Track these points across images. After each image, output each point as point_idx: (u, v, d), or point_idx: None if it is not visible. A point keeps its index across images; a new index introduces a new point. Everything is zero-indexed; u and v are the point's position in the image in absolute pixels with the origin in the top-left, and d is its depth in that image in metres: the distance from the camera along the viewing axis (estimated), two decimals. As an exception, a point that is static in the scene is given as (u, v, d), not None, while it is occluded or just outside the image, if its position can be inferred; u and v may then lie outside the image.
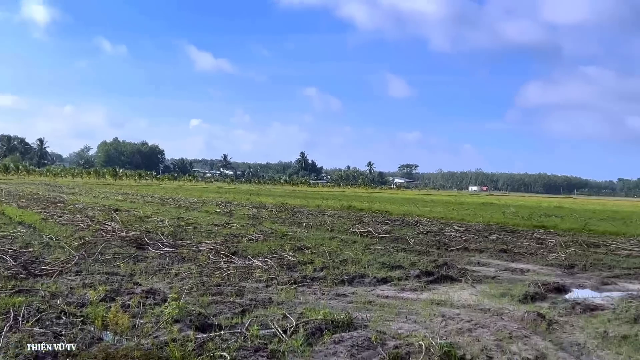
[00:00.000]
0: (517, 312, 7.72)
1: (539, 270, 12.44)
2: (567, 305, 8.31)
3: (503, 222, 25.65)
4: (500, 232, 20.47)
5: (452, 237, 18.17)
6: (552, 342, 6.47)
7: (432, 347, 5.70)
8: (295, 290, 8.96)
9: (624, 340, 6.47)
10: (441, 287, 9.81)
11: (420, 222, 23.60)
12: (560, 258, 13.95)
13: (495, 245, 16.10)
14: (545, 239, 18.39)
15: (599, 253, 15.41)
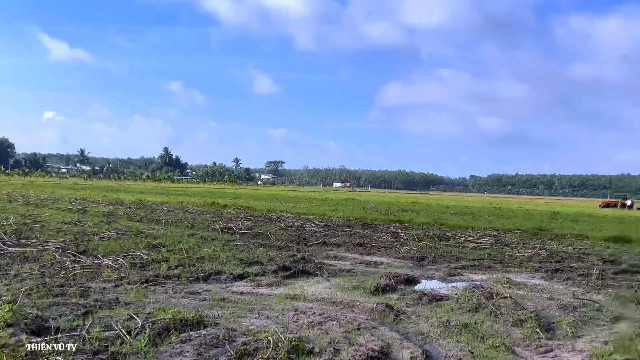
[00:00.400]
0: (368, 304, 7.90)
1: (392, 262, 12.88)
2: (415, 296, 8.64)
3: (362, 217, 26.39)
4: (359, 227, 21.05)
5: (313, 232, 18.42)
6: (398, 332, 6.68)
7: (280, 341, 5.67)
8: (146, 289, 8.61)
9: (465, 329, 6.80)
10: (297, 282, 9.86)
11: (282, 218, 23.72)
12: (412, 251, 14.55)
13: (353, 239, 16.51)
14: (400, 233, 19.14)
15: (449, 246, 16.25)
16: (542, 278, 11.43)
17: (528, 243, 17.77)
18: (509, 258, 14.09)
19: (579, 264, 13.20)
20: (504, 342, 6.31)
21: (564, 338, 6.78)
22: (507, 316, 7.51)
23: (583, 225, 27.08)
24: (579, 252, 15.78)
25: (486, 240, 17.91)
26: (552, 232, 21.86)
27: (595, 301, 8.76)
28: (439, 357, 5.93)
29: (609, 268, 12.63)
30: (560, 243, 18.15)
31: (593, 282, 10.77)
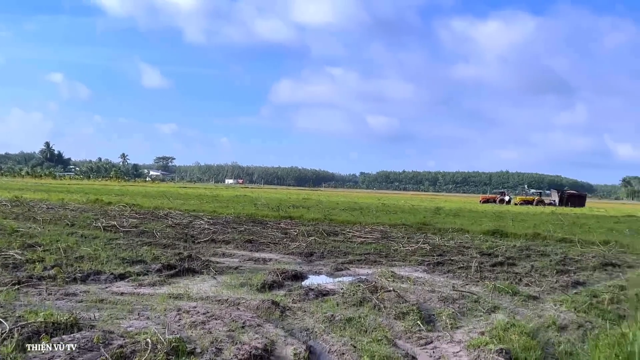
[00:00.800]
0: (254, 301, 7.79)
1: (281, 259, 12.85)
2: (302, 291, 8.62)
3: (253, 214, 26.22)
4: (249, 223, 20.89)
5: (201, 229, 18.07)
6: (283, 328, 6.62)
7: (159, 343, 5.45)
8: (18, 291, 8.05)
9: (349, 323, 6.84)
10: (182, 281, 9.59)
11: (170, 215, 23.12)
12: (301, 247, 14.58)
13: (242, 236, 16.34)
14: (290, 229, 19.17)
15: (337, 241, 16.44)
16: (424, 271, 11.77)
17: (412, 237, 18.31)
18: (394, 252, 14.43)
19: (459, 257, 13.73)
20: (386, 335, 6.40)
21: (444, 329, 6.98)
22: (390, 309, 7.64)
23: (464, 219, 28.28)
24: (459, 245, 16.43)
25: (373, 235, 18.28)
26: (435, 226, 22.65)
27: (474, 293, 9.11)
28: (323, 352, 5.93)
29: (486, 261, 13.21)
30: (443, 237, 18.85)
31: (472, 274, 11.20)
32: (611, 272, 12.58)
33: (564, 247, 17.48)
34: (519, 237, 19.84)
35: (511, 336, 6.36)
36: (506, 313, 7.88)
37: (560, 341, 6.58)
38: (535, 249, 16.16)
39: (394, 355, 5.73)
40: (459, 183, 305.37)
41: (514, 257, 14.07)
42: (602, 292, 9.50)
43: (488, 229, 21.69)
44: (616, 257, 15.31)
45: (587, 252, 16.05)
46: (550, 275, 11.56)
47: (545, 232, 21.20)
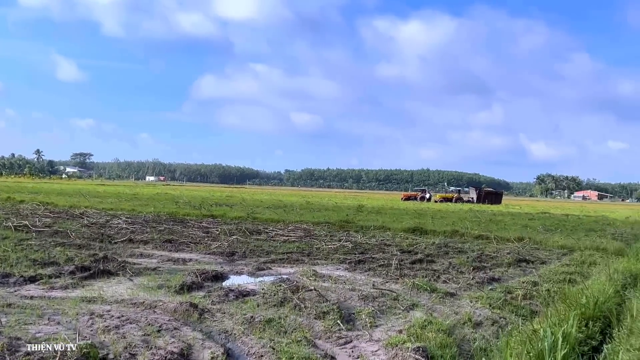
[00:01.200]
0: (171, 303, 7.59)
1: (201, 259, 12.63)
2: (222, 292, 8.47)
3: (174, 212, 25.75)
4: (169, 222, 20.49)
5: (119, 228, 17.57)
6: (201, 331, 6.48)
7: (70, 349, 5.22)
8: None
9: (268, 324, 6.77)
10: (97, 283, 9.24)
11: (86, 214, 22.36)
12: (223, 246, 14.39)
13: (162, 235, 15.99)
14: (212, 228, 18.91)
15: (260, 240, 16.34)
16: (346, 269, 11.85)
17: (335, 235, 18.43)
18: (316, 251, 14.47)
19: (380, 255, 13.91)
20: (306, 336, 6.37)
21: (363, 328, 7.02)
22: (311, 309, 7.62)
23: (386, 217, 28.71)
24: (381, 243, 16.65)
25: (296, 234, 18.27)
26: (357, 224, 22.88)
27: (393, 291, 9.22)
28: (241, 355, 5.84)
29: (407, 258, 13.43)
30: (365, 235, 19.06)
31: (392, 272, 11.35)
32: (525, 268, 13.06)
33: (480, 244, 18.03)
34: (438, 235, 20.30)
35: (428, 334, 6.46)
36: (424, 310, 8.01)
37: (475, 338, 6.74)
38: (454, 246, 16.58)
39: (313, 355, 5.71)
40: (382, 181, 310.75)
41: (433, 255, 14.38)
42: (516, 289, 9.83)
43: (409, 226, 22.11)
44: (530, 253, 15.91)
45: (503, 248, 16.60)
46: (467, 272, 11.87)
47: (463, 229, 21.79)
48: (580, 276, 11.71)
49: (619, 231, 25.72)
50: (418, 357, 5.69)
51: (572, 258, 14.98)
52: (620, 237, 22.41)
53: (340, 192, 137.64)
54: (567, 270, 12.40)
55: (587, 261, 14.15)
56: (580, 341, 6.29)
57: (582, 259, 14.59)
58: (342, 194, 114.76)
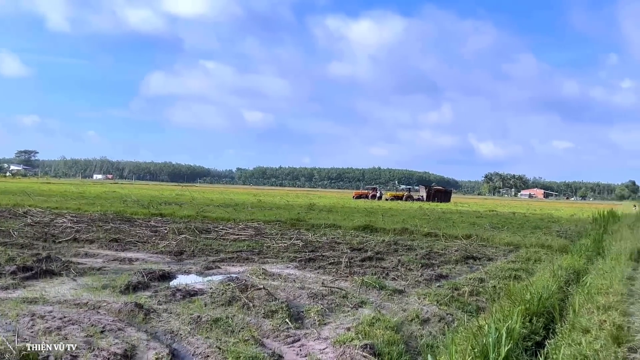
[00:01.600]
0: (116, 304, 7.42)
1: (148, 258, 12.42)
2: (169, 292, 8.33)
3: (121, 211, 25.28)
4: (116, 221, 20.08)
5: (64, 227, 17.13)
6: (146, 332, 6.35)
7: (8, 352, 5.05)
8: None
9: (215, 324, 6.69)
10: (39, 283, 8.97)
11: (30, 213, 21.73)
12: (171, 245, 14.18)
13: (108, 234, 15.66)
14: (160, 227, 18.63)
15: (210, 239, 16.17)
16: (296, 268, 11.82)
17: (286, 234, 18.39)
18: (267, 249, 14.40)
19: (331, 253, 13.93)
20: (254, 335, 6.32)
21: (312, 327, 7.01)
22: (260, 308, 7.57)
23: (337, 215, 28.80)
24: (331, 241, 16.69)
25: (247, 232, 18.16)
26: (308, 222, 22.89)
27: (343, 288, 9.23)
28: (187, 355, 5.75)
29: (356, 256, 13.48)
30: (315, 233, 19.08)
31: (342, 270, 11.37)
32: (472, 265, 13.28)
33: (429, 241, 18.27)
34: (388, 232, 20.47)
35: (376, 331, 6.49)
36: (373, 308, 8.05)
37: (422, 334, 6.82)
38: (403, 244, 16.74)
39: (260, 355, 5.67)
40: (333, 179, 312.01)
41: (383, 252, 14.49)
42: (463, 285, 9.97)
43: (359, 224, 22.22)
44: (477, 250, 16.20)
45: (451, 246, 16.85)
46: (416, 269, 11.99)
47: (412, 227, 22.02)
48: (526, 273, 11.96)
49: (563, 228, 26.42)
50: (365, 354, 5.71)
51: (518, 255, 15.31)
52: (564, 234, 23.03)
53: (292, 191, 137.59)
54: (513, 267, 12.66)
55: (532, 258, 14.48)
56: (524, 336, 6.42)
57: (527, 255, 14.92)
58: (294, 192, 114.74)
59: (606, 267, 12.14)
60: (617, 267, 12.37)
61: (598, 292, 9.15)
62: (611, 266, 12.32)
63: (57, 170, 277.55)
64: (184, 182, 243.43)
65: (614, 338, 6.34)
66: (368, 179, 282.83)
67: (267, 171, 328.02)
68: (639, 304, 8.89)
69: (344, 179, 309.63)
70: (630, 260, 14.01)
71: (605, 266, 12.36)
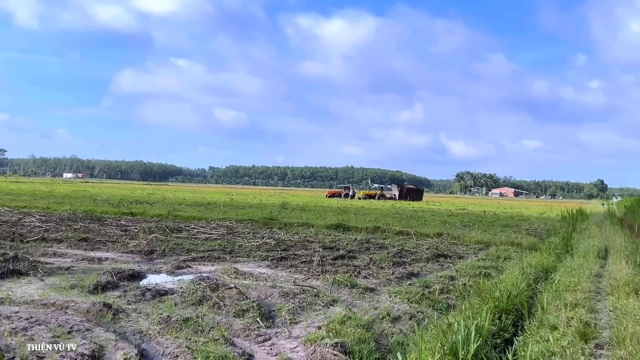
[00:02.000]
0: (84, 304, 7.31)
1: (118, 258, 12.27)
2: (138, 292, 8.24)
3: (91, 210, 24.97)
4: (86, 220, 19.81)
5: (32, 227, 16.84)
6: (115, 332, 6.27)
7: (-30, 355, 4.94)
8: None
9: (185, 324, 6.62)
10: (5, 283, 8.79)
11: (-3, 212, 21.33)
12: (141, 244, 14.03)
13: (77, 234, 15.45)
14: (130, 226, 18.43)
15: (181, 238, 16.04)
16: (268, 266, 11.78)
17: (258, 233, 18.32)
18: (239, 248, 14.34)
19: (303, 252, 13.92)
20: (224, 334, 6.28)
21: (283, 325, 6.99)
22: (231, 307, 7.52)
23: (310, 214, 28.82)
24: (304, 240, 16.68)
25: (219, 231, 18.06)
26: (281, 221, 22.86)
27: (314, 287, 9.23)
28: (156, 355, 5.68)
29: (329, 254, 13.48)
30: (288, 232, 19.06)
31: (314, 268, 11.36)
32: (443, 263, 13.38)
33: (401, 239, 18.37)
34: (360, 231, 20.54)
35: (347, 329, 6.49)
36: (344, 306, 8.05)
37: (393, 332, 6.84)
38: (375, 242, 16.81)
39: (230, 354, 5.63)
40: (307, 178, 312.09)
41: (355, 251, 14.53)
42: (434, 283, 10.05)
43: (332, 223, 22.26)
44: (448, 248, 16.32)
45: (422, 244, 16.96)
46: (388, 267, 12.04)
47: (384, 225, 22.13)
48: (495, 270, 12.10)
49: (533, 227, 26.77)
50: (336, 352, 5.71)
51: (488, 253, 15.47)
52: (534, 232, 23.34)
53: (265, 190, 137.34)
54: (483, 264, 12.78)
55: (502, 256, 14.64)
56: (494, 333, 6.49)
57: (497, 253, 15.08)
58: (267, 191, 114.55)
59: (574, 265, 12.34)
60: (585, 264, 12.59)
61: (566, 289, 9.30)
62: (579, 264, 12.53)
63: (26, 169, 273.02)
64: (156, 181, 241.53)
65: (581, 335, 6.44)
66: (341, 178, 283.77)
67: (240, 170, 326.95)
68: (605, 301, 9.04)
69: (317, 178, 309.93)
70: (598, 257, 14.27)
71: (573, 264, 12.57)
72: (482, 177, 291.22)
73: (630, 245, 16.67)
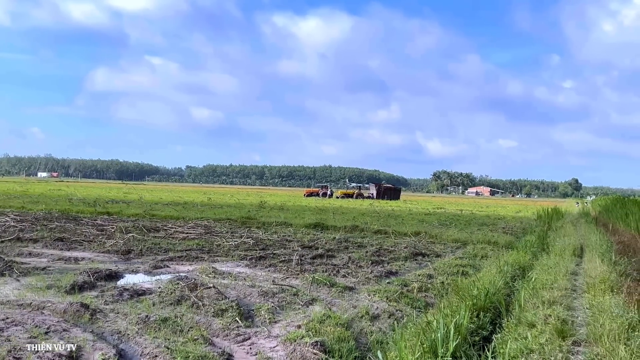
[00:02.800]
0: (61, 304, 7.23)
1: (95, 257, 12.16)
2: (116, 292, 8.17)
3: (67, 210, 24.72)
4: (62, 220, 19.60)
5: (7, 227, 16.60)
6: (92, 332, 6.21)
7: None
8: None
9: (164, 324, 6.58)
10: (-21, 284, 8.69)
11: (-30, 212, 20.99)
12: (118, 244, 13.91)
13: (53, 233, 15.30)
14: (107, 226, 18.26)
15: (158, 237, 15.93)
16: (246, 266, 11.76)
17: (236, 232, 18.27)
18: (217, 247, 14.29)
19: (282, 251, 13.91)
20: (203, 334, 6.25)
21: (262, 325, 6.99)
22: (209, 307, 7.50)
23: (288, 213, 28.80)
24: (282, 239, 16.66)
25: (196, 231, 17.98)
26: (259, 220, 22.82)
27: (293, 286, 9.24)
28: (134, 355, 5.64)
29: (307, 253, 13.49)
30: (267, 231, 19.03)
31: (293, 267, 11.37)
32: (421, 262, 13.46)
33: (379, 238, 18.43)
34: (338, 230, 20.57)
35: (327, 328, 6.50)
36: (323, 305, 8.06)
37: (372, 331, 6.86)
38: (353, 241, 16.85)
39: (209, 354, 5.60)
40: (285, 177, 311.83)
41: (333, 249, 14.55)
42: (412, 281, 10.10)
43: (310, 222, 22.27)
44: (426, 247, 16.42)
45: (400, 243, 17.03)
46: (366, 266, 12.08)
47: (363, 224, 22.21)
48: (473, 269, 12.19)
49: (509, 225, 27.03)
50: (316, 351, 5.72)
51: (465, 251, 15.58)
52: (510, 231, 23.57)
53: (243, 189, 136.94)
54: (461, 263, 12.87)
55: (479, 254, 14.76)
56: (472, 331, 6.54)
57: (474, 252, 15.20)
58: (244, 190, 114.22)
59: (551, 263, 12.49)
60: (561, 262, 12.74)
61: (543, 287, 9.40)
62: (555, 262, 12.68)
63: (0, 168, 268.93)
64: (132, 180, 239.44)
65: (558, 332, 6.52)
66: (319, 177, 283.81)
67: (218, 169, 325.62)
68: (582, 299, 9.16)
69: (295, 177, 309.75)
70: (573, 255, 14.46)
71: (549, 262, 12.71)
72: (458, 176, 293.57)
73: (605, 243, 16.92)
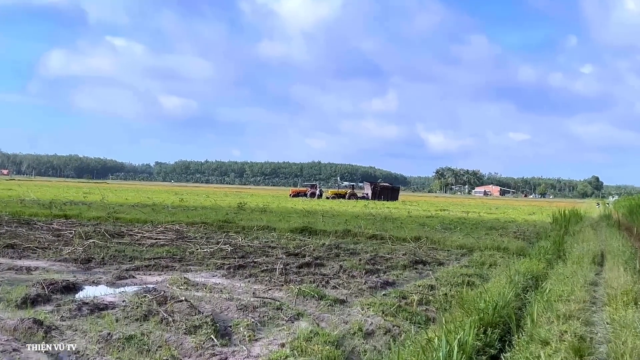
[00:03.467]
0: (11, 320, 7.19)
1: (50, 267, 12.12)
2: (74, 306, 8.15)
3: (18, 212, 24.63)
4: (12, 224, 19.54)
5: (-52, 232, 16.51)
6: (47, 353, 6.19)
7: None
8: None
9: (128, 342, 6.56)
10: None
11: None
12: (77, 251, 13.88)
13: (2, 239, 15.23)
14: (64, 230, 18.23)
15: (123, 243, 15.91)
16: (224, 276, 11.74)
17: (212, 237, 18.26)
18: (190, 255, 14.28)
19: (264, 259, 13.91)
20: (173, 354, 6.25)
21: (241, 343, 6.97)
22: (181, 323, 7.48)
23: (271, 216, 28.78)
24: (264, 245, 16.67)
25: (167, 236, 17.95)
26: (238, 224, 22.82)
27: (277, 299, 9.23)
28: (95, 379, 5.63)
29: (293, 262, 13.49)
30: (247, 236, 19.03)
31: (276, 278, 11.35)
32: (421, 271, 13.49)
33: (374, 244, 18.47)
34: (328, 235, 20.58)
35: (314, 347, 6.50)
36: (310, 320, 8.06)
37: (365, 349, 6.87)
38: (345, 248, 16.88)
39: (180, 377, 5.60)
40: (268, 175, 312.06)
41: (323, 257, 14.56)
42: (411, 293, 10.11)
43: (297, 226, 22.29)
44: (427, 254, 16.46)
45: (398, 249, 17.07)
46: (360, 275, 12.09)
47: (356, 228, 22.22)
48: (480, 278, 12.23)
49: (521, 229, 27.09)
50: (302, 373, 5.72)
51: (471, 259, 15.63)
52: (522, 235, 23.64)
53: (220, 188, 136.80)
54: (466, 272, 12.91)
55: (487, 262, 14.81)
56: (478, 350, 6.56)
57: (482, 259, 15.24)
58: (222, 190, 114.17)
59: (567, 272, 12.53)
60: (579, 271, 12.79)
61: (558, 299, 9.43)
62: (573, 270, 12.73)
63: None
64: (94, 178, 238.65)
65: (575, 350, 6.54)
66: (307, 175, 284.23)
67: (191, 166, 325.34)
68: (602, 312, 9.21)
69: (279, 175, 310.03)
70: (593, 264, 14.52)
71: (566, 271, 12.76)
72: (464, 173, 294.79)
73: (629, 249, 17.01)
